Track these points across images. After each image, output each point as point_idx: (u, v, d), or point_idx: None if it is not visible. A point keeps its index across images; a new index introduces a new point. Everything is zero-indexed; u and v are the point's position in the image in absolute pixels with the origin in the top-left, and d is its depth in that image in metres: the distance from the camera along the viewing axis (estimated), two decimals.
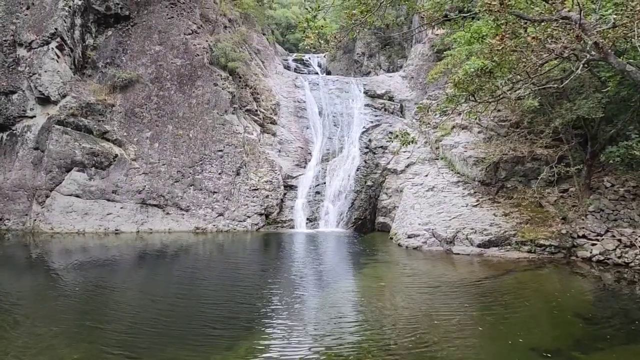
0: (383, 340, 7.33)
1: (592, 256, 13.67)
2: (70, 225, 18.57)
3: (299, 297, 9.97)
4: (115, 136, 20.12)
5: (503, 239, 15.07)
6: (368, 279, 12.09)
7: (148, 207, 19.76)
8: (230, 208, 20.55)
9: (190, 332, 7.65)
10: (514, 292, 10.64)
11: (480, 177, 18.03)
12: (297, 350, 6.76)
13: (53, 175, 19.04)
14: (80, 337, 7.25)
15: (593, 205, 14.91)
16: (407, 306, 9.44)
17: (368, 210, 21.75)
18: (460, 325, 8.16)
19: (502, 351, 7.03)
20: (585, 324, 8.34)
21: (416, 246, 16.23)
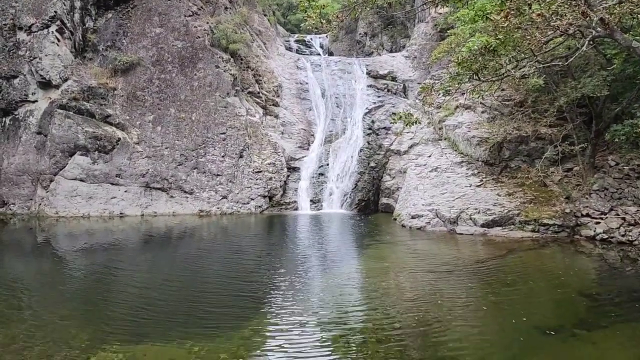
0: (387, 319, 7.37)
1: (596, 235, 13.67)
2: (75, 209, 18.66)
3: (303, 278, 10.02)
4: (117, 120, 20.08)
5: (506, 218, 15.06)
6: (372, 260, 12.13)
7: (152, 190, 19.82)
8: (234, 190, 20.59)
9: (196, 313, 7.71)
10: (518, 271, 10.66)
11: (484, 157, 17.97)
12: (302, 331, 6.81)
13: (57, 159, 19.07)
14: (88, 319, 7.32)
15: (597, 184, 14.86)
16: (411, 286, 9.48)
17: (371, 191, 21.76)
18: (464, 304, 8.20)
19: (505, 330, 7.07)
20: (588, 302, 8.36)
21: (420, 227, 16.25)
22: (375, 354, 5.94)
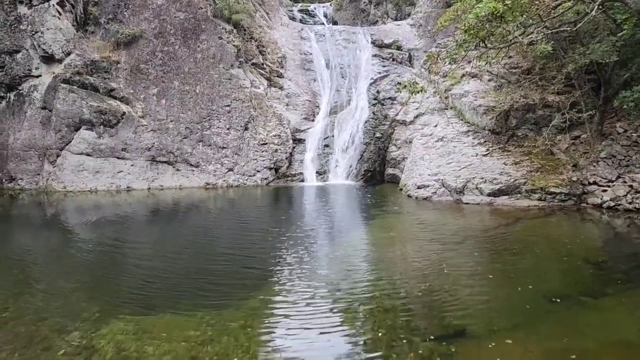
0: (393, 288, 7.45)
1: (603, 202, 13.63)
2: (82, 183, 18.77)
3: (310, 249, 10.09)
4: (121, 94, 19.99)
5: (513, 187, 15.02)
6: (378, 230, 12.19)
7: (158, 164, 19.87)
8: (240, 163, 20.60)
9: (204, 285, 7.81)
10: (524, 239, 10.69)
11: (491, 126, 17.81)
12: (309, 300, 6.89)
13: (62, 134, 19.10)
14: (98, 291, 7.44)
15: (605, 152, 14.74)
16: (417, 256, 9.54)
17: (377, 162, 21.71)
18: (470, 273, 8.25)
19: (511, 297, 7.12)
20: (595, 270, 8.39)
21: (426, 197, 16.26)
22: (382, 323, 6.02)
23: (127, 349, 5.24)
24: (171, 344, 5.37)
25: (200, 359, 5.04)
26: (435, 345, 5.35)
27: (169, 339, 5.49)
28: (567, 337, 5.51)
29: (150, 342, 5.42)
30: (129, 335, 5.60)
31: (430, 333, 5.68)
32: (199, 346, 5.32)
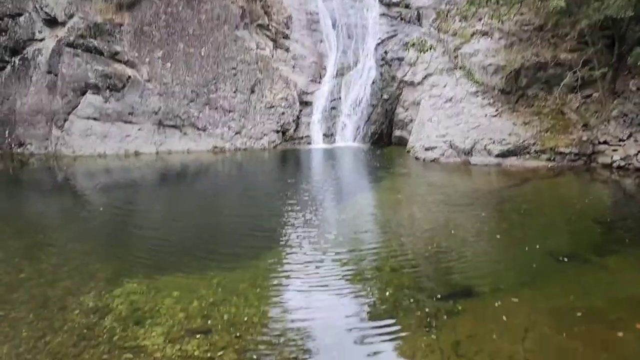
0: (401, 249, 7.52)
1: (613, 162, 13.53)
2: (90, 148, 18.84)
3: (318, 211, 10.15)
4: (126, 57, 19.78)
5: (522, 148, 14.91)
6: (385, 192, 12.22)
7: (165, 128, 19.84)
8: (247, 126, 20.54)
9: (215, 247, 7.92)
10: (532, 200, 10.69)
11: (500, 86, 17.53)
12: (318, 261, 6.98)
13: (69, 99, 19.05)
14: (110, 254, 7.56)
15: (617, 110, 14.51)
16: (425, 217, 9.58)
17: (384, 124, 21.54)
18: (477, 233, 8.29)
19: (518, 257, 7.17)
20: (603, 229, 8.40)
21: (433, 158, 16.20)
22: (389, 282, 6.10)
23: (140, 308, 5.37)
24: (183, 303, 5.48)
25: (212, 317, 5.16)
26: (441, 303, 5.43)
27: (181, 298, 5.61)
28: (574, 295, 5.56)
29: (163, 301, 5.54)
30: (142, 295, 5.72)
31: (437, 292, 5.76)
32: (211, 305, 5.44)
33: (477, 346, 4.51)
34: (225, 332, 4.83)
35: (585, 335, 4.67)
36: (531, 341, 4.60)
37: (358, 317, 5.23)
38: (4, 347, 4.57)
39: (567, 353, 4.39)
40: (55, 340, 4.68)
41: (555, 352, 4.43)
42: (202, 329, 4.89)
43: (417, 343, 4.65)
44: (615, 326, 4.82)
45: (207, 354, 4.44)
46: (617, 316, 5.04)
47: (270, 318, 5.24)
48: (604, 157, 13.82)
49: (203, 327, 4.95)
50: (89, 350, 4.50)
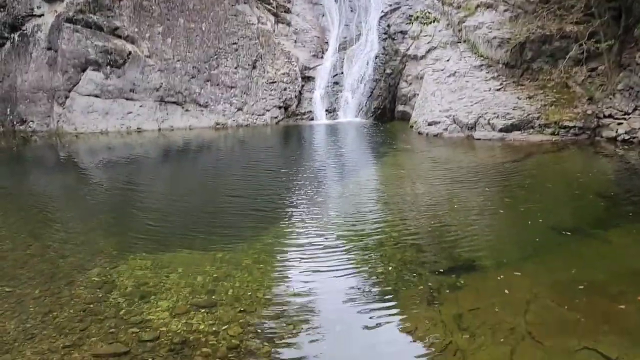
0: (404, 223, 7.53)
1: (617, 136, 13.43)
2: (92, 125, 18.79)
3: (321, 186, 10.17)
4: (126, 32, 19.57)
5: (526, 122, 14.80)
6: (388, 167, 12.20)
7: (167, 104, 19.74)
8: (249, 102, 20.42)
9: (217, 223, 7.95)
10: (535, 174, 10.66)
11: (505, 59, 17.33)
12: (320, 236, 7.01)
13: (69, 75, 18.92)
14: (114, 231, 7.61)
15: (622, 83, 14.34)
16: (428, 192, 9.58)
17: (387, 99, 21.36)
18: (480, 208, 8.30)
19: (521, 231, 7.19)
20: (606, 203, 8.39)
21: (436, 133, 16.11)
22: (392, 257, 6.13)
23: (145, 284, 5.42)
24: (188, 278, 5.53)
25: (216, 292, 5.21)
26: (443, 277, 5.46)
27: (185, 274, 5.66)
28: (576, 269, 5.58)
29: (167, 277, 5.59)
30: (147, 271, 5.77)
31: (439, 266, 5.79)
32: (215, 280, 5.48)
33: (479, 319, 4.55)
34: (230, 307, 4.88)
35: (587, 308, 4.70)
36: (533, 314, 4.63)
37: (361, 292, 5.27)
38: (12, 322, 4.63)
39: (569, 325, 4.43)
40: (62, 315, 4.74)
41: (557, 324, 4.46)
42: (206, 304, 4.94)
43: (420, 317, 4.69)
44: (617, 299, 4.85)
45: (212, 328, 4.49)
46: (619, 289, 5.07)
47: (274, 293, 5.29)
48: (609, 130, 13.72)
49: (208, 301, 5.00)
50: (95, 325, 4.55)
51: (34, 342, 4.28)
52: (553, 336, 4.23)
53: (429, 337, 4.34)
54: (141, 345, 4.21)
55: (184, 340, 4.28)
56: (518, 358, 3.95)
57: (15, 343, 4.26)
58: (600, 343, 4.08)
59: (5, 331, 4.47)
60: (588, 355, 3.94)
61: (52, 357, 4.03)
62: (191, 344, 4.24)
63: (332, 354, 4.19)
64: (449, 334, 4.34)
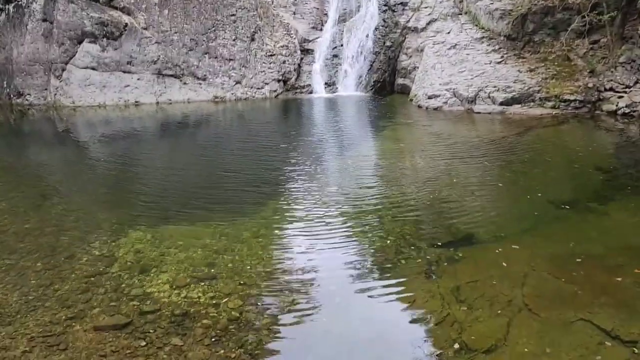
0: (403, 197, 7.54)
1: (618, 109, 13.37)
2: (90, 98, 18.64)
3: (320, 160, 10.15)
4: (122, 4, 19.24)
5: (526, 95, 14.71)
6: (388, 141, 12.16)
7: (165, 77, 19.54)
8: (248, 75, 20.22)
9: (217, 197, 7.95)
10: (535, 148, 10.64)
11: (506, 32, 17.11)
12: (319, 210, 7.03)
13: (66, 47, 18.68)
14: (114, 204, 7.62)
15: (624, 56, 14.21)
16: (427, 165, 9.57)
17: (387, 72, 21.18)
18: (479, 182, 8.31)
19: (519, 205, 7.21)
20: (605, 177, 8.39)
21: (436, 107, 16.02)
22: (391, 231, 6.16)
23: (146, 257, 5.45)
24: (188, 252, 5.56)
25: (216, 265, 5.24)
26: (442, 250, 5.50)
27: (185, 247, 5.69)
28: (574, 242, 5.62)
29: (168, 250, 5.62)
30: (147, 244, 5.80)
31: (438, 240, 5.82)
32: (215, 254, 5.52)
33: (477, 291, 4.60)
34: (230, 280, 4.92)
35: (584, 280, 4.74)
36: (530, 286, 4.68)
37: (360, 265, 5.32)
38: (14, 294, 4.67)
39: (566, 296, 4.48)
40: (63, 288, 4.78)
41: (554, 296, 4.51)
42: (207, 277, 4.98)
43: (418, 289, 4.74)
44: (614, 272, 4.89)
45: (212, 300, 4.54)
46: (617, 262, 5.11)
47: (273, 266, 5.32)
48: (609, 104, 13.64)
49: (208, 274, 5.04)
50: (96, 298, 4.60)
51: (36, 314, 4.33)
52: (549, 308, 4.29)
53: (427, 309, 4.39)
54: (142, 317, 4.26)
55: (184, 312, 4.33)
56: (514, 329, 4.00)
57: (18, 315, 4.31)
58: (596, 315, 4.13)
59: (8, 303, 4.51)
60: (583, 327, 4.00)
61: (55, 329, 4.08)
62: (192, 316, 4.29)
63: (331, 326, 4.25)
64: (446, 306, 4.39)
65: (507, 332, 3.97)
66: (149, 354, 3.75)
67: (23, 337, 3.97)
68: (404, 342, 3.96)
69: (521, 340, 3.85)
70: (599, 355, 3.64)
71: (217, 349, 3.82)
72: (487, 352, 3.73)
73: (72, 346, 3.86)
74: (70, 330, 4.07)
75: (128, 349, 3.82)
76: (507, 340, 3.87)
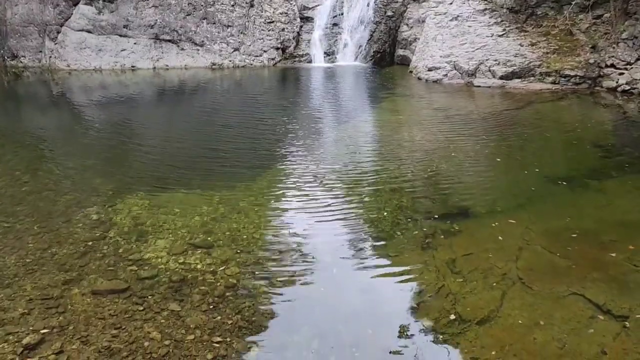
0: (400, 170, 7.54)
1: (618, 86, 13.29)
2: (85, 62, 18.37)
3: (317, 131, 10.11)
4: None
5: (527, 70, 14.59)
6: (386, 113, 12.09)
7: (162, 42, 19.24)
8: (246, 42, 19.92)
9: (214, 165, 7.93)
10: (533, 123, 10.61)
11: (509, 4, 16.84)
12: (317, 180, 7.03)
13: (61, 9, 18.30)
14: (110, 170, 7.58)
15: (627, 32, 14.04)
16: (425, 139, 9.54)
17: (387, 42, 20.89)
18: (477, 156, 8.30)
19: (517, 180, 7.22)
20: (603, 154, 8.40)
21: (436, 79, 15.88)
22: (388, 203, 6.18)
23: (143, 223, 5.46)
24: (185, 219, 5.58)
25: (213, 232, 5.26)
26: (439, 223, 5.53)
27: (183, 214, 5.70)
28: (570, 217, 5.66)
29: (165, 217, 5.63)
30: (144, 211, 5.81)
31: (434, 213, 5.85)
32: (212, 221, 5.53)
33: (472, 264, 4.65)
34: (227, 248, 4.95)
35: (578, 255, 4.80)
36: (525, 260, 4.73)
37: (357, 236, 5.35)
38: (12, 257, 4.69)
39: (560, 271, 4.53)
40: (61, 252, 4.80)
41: (547, 270, 4.57)
42: (204, 244, 5.01)
43: (414, 261, 4.78)
44: (608, 247, 4.94)
45: (209, 267, 4.57)
46: (611, 238, 5.16)
47: (270, 235, 5.35)
48: (609, 80, 13.56)
49: (205, 242, 5.06)
50: (94, 262, 4.62)
51: (34, 277, 4.36)
52: (543, 282, 4.34)
53: (422, 280, 4.44)
54: (140, 282, 4.30)
55: (182, 278, 4.37)
56: (508, 302, 4.06)
57: (16, 278, 4.34)
58: (588, 289, 4.19)
59: (6, 266, 4.53)
60: (576, 301, 4.06)
61: (52, 292, 4.11)
62: (189, 282, 4.32)
63: (327, 295, 4.30)
64: (441, 277, 4.45)
65: (501, 304, 4.03)
66: (147, 319, 3.79)
67: (22, 299, 4.01)
68: (399, 312, 4.01)
69: (514, 312, 3.91)
70: (591, 329, 3.71)
71: (214, 315, 3.87)
72: (480, 323, 3.79)
73: (70, 309, 3.90)
74: (68, 293, 4.11)
75: (126, 313, 3.86)
76: (501, 312, 3.93)
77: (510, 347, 3.53)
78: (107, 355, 3.38)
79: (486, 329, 3.74)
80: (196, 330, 3.66)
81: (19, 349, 3.40)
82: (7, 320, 3.72)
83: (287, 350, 3.59)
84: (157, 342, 3.52)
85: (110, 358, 3.36)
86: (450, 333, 3.71)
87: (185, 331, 3.65)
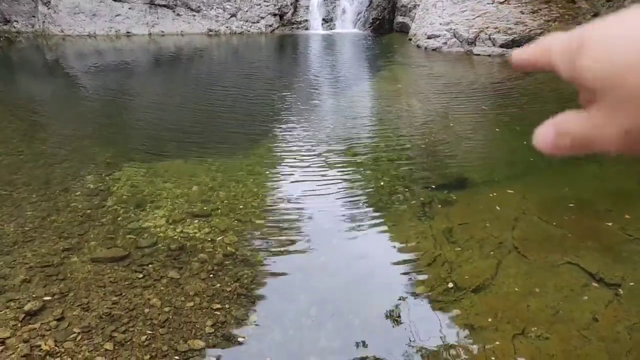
0: (397, 139, 7.52)
1: None
2: (79, 27, 18.06)
3: (315, 100, 10.04)
4: None
5: (527, 38, 14.38)
6: (384, 81, 11.99)
7: (157, 7, 18.89)
8: (243, 8, 19.57)
9: (212, 134, 7.91)
10: (533, 93, 10.54)
11: None
12: (314, 149, 7.02)
13: None
14: (107, 138, 7.55)
15: None
16: (423, 107, 9.49)
17: (387, 9, 20.56)
18: (476, 125, 8.28)
19: (515, 150, 7.21)
20: None
21: (436, 47, 15.68)
22: (386, 172, 6.18)
23: (141, 192, 5.47)
24: (183, 188, 5.58)
25: (211, 201, 5.27)
26: (436, 193, 5.55)
27: (180, 183, 5.70)
28: (568, 187, 5.67)
29: (163, 185, 5.63)
30: (142, 179, 5.81)
31: (432, 182, 5.86)
32: (210, 190, 5.54)
33: (468, 233, 4.69)
34: (225, 216, 4.97)
35: (574, 225, 4.84)
36: (521, 230, 4.77)
37: (354, 205, 5.37)
38: (10, 225, 4.70)
39: (555, 240, 4.58)
40: (59, 220, 4.81)
41: (543, 239, 4.61)
42: (202, 213, 5.03)
43: (411, 230, 4.81)
44: (604, 216, 4.98)
45: (208, 236, 4.60)
46: (607, 207, 5.19)
47: (268, 204, 5.37)
48: None
49: (203, 210, 5.08)
50: (93, 231, 4.64)
51: (33, 244, 4.38)
52: (538, 251, 4.39)
53: (419, 249, 4.48)
54: (139, 251, 4.33)
55: (181, 246, 4.40)
56: (503, 270, 4.11)
57: (15, 245, 4.36)
58: (583, 258, 4.24)
59: (5, 233, 4.55)
60: (569, 269, 4.11)
61: (52, 259, 4.14)
62: (188, 250, 4.36)
63: (325, 263, 4.35)
64: (438, 246, 4.49)
65: (496, 272, 4.08)
66: (146, 286, 3.84)
67: (22, 266, 4.04)
68: (396, 280, 4.07)
69: (509, 281, 3.97)
70: (584, 296, 3.77)
71: (213, 282, 3.91)
72: (476, 290, 3.85)
73: (70, 276, 3.93)
74: (68, 261, 4.14)
75: (126, 280, 3.90)
76: (496, 280, 3.98)
77: (504, 314, 3.59)
78: (108, 322, 3.43)
79: (481, 296, 3.80)
80: (195, 298, 3.71)
81: (20, 315, 3.45)
82: (8, 287, 3.76)
83: (286, 317, 3.64)
84: (157, 309, 3.57)
85: (111, 324, 3.41)
86: (446, 301, 3.77)
87: (185, 298, 3.70)
